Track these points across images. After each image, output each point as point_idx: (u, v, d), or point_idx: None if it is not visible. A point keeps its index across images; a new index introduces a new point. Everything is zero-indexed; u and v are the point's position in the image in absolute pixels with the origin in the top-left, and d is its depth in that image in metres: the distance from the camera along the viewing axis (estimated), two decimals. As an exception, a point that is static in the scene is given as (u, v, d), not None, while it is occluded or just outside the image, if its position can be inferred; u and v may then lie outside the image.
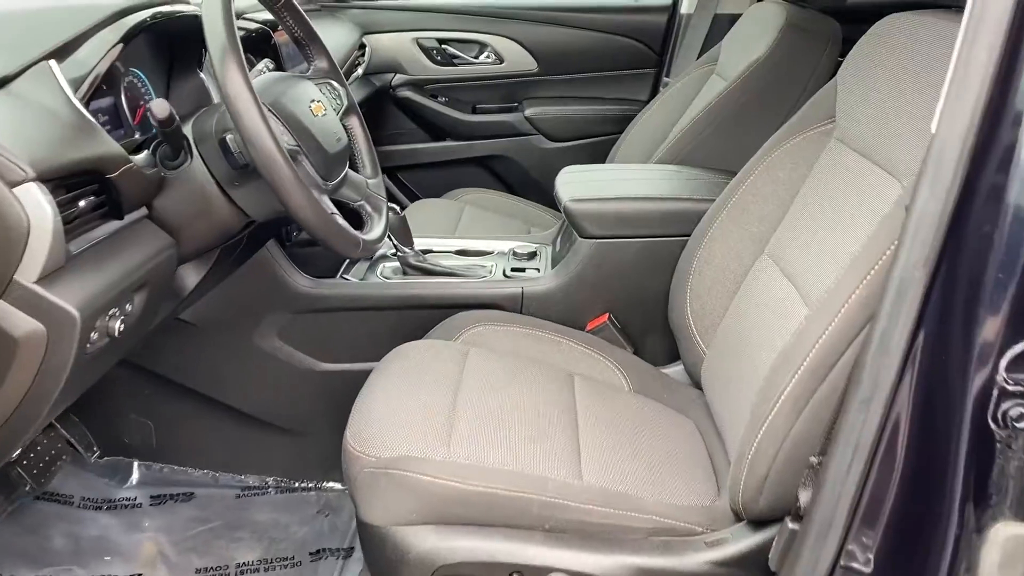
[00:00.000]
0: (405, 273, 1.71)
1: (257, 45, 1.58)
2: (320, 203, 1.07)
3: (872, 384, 0.80)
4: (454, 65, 2.61)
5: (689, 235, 1.48)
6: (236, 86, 1.00)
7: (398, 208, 1.67)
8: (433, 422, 1.16)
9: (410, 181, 2.73)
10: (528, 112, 2.60)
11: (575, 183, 1.68)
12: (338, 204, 1.22)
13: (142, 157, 1.12)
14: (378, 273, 1.70)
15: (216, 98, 1.34)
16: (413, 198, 2.70)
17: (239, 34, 1.03)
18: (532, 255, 1.78)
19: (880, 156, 1.09)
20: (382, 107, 2.61)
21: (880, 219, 1.01)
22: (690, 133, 1.87)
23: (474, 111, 2.66)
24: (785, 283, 1.19)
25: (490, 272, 1.71)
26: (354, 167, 1.41)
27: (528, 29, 2.55)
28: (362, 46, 2.49)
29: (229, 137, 1.10)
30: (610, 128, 2.57)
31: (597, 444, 1.18)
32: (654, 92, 2.57)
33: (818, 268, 1.11)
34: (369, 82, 2.53)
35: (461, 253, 1.83)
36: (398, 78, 2.60)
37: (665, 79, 2.49)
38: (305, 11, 2.27)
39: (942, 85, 0.70)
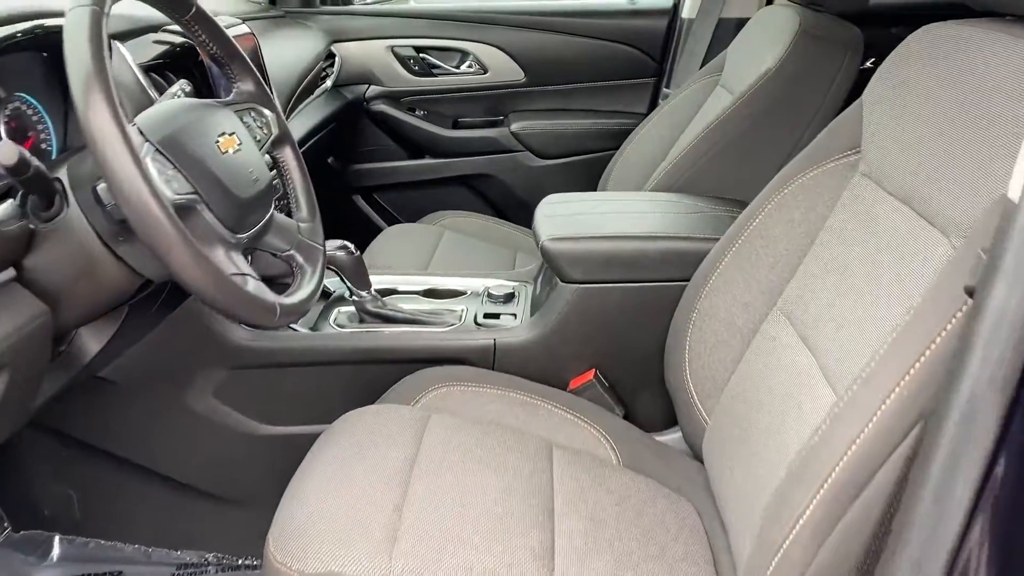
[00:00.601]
0: (362, 320, 1.49)
1: (183, 63, 1.36)
2: (215, 265, 0.85)
3: (926, 535, 0.58)
4: (433, 75, 2.38)
5: (688, 280, 1.26)
6: (100, 122, 0.78)
7: (352, 246, 1.45)
8: (374, 523, 0.95)
9: (386, 202, 2.51)
10: (514, 127, 2.37)
11: (556, 217, 1.45)
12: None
13: (4, 208, 0.90)
14: (331, 321, 1.49)
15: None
16: (390, 220, 2.49)
17: (149, 53, 0.81)
18: (509, 297, 1.56)
19: (919, 202, 0.87)
20: (354, 122, 2.39)
21: (926, 287, 0.80)
22: (691, 155, 1.64)
23: (455, 126, 2.44)
24: (804, 351, 0.98)
25: (460, 318, 1.49)
26: (288, 210, 1.19)
27: (514, 36, 2.33)
28: (330, 55, 2.28)
29: (100, 186, 0.88)
30: (605, 144, 2.34)
31: (576, 545, 0.97)
32: (653, 104, 2.35)
33: (845, 341, 0.90)
34: (339, 95, 2.31)
35: (429, 294, 1.61)
36: (372, 90, 2.38)
37: (665, 90, 2.26)
38: (267, 18, 2.07)
39: (1000, 115, 0.53)
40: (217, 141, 0.97)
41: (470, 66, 2.37)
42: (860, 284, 0.92)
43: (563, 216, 1.46)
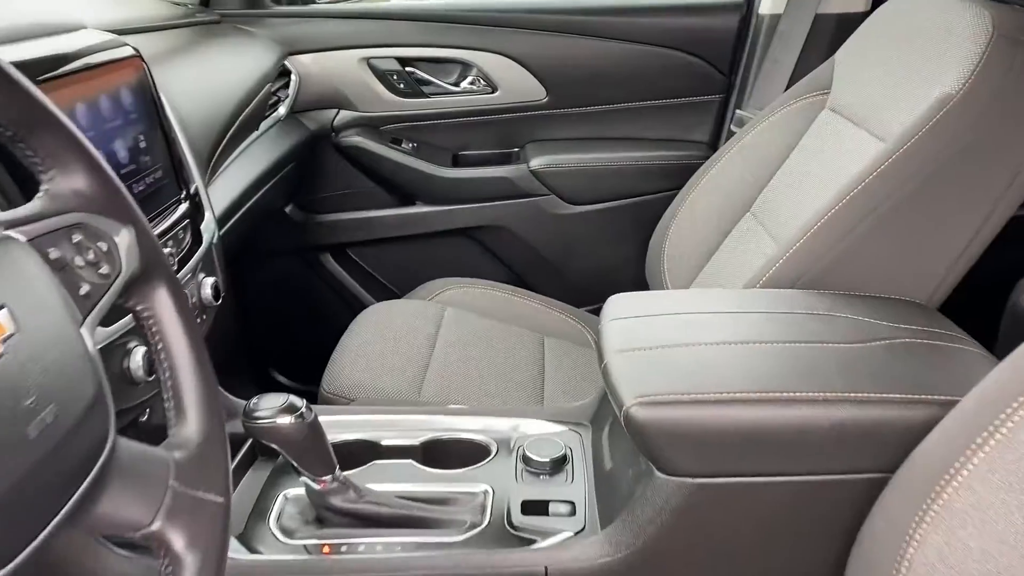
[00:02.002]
0: (322, 522, 0.92)
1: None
2: None
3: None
4: (424, 96, 1.78)
5: (880, 472, 0.70)
6: None
7: (302, 406, 0.86)
8: None
9: (365, 264, 1.91)
10: (534, 163, 1.77)
11: (640, 352, 0.87)
12: None
13: None
14: (272, 523, 0.91)
15: None
16: (372, 287, 1.89)
17: None
18: (558, 464, 0.99)
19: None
20: (319, 159, 1.79)
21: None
22: (830, 231, 1.05)
23: (456, 162, 1.83)
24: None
25: (483, 512, 0.92)
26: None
27: (532, 42, 1.73)
28: (284, 72, 1.68)
29: None
30: (656, 184, 1.76)
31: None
32: (719, 130, 1.77)
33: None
34: (298, 124, 1.72)
35: (431, 454, 1.04)
36: (341, 117, 1.78)
37: (739, 112, 1.67)
38: (193, 25, 1.48)
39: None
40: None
41: (473, 83, 1.77)
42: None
43: (650, 348, 0.87)
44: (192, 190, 1.03)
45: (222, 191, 1.29)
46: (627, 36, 1.72)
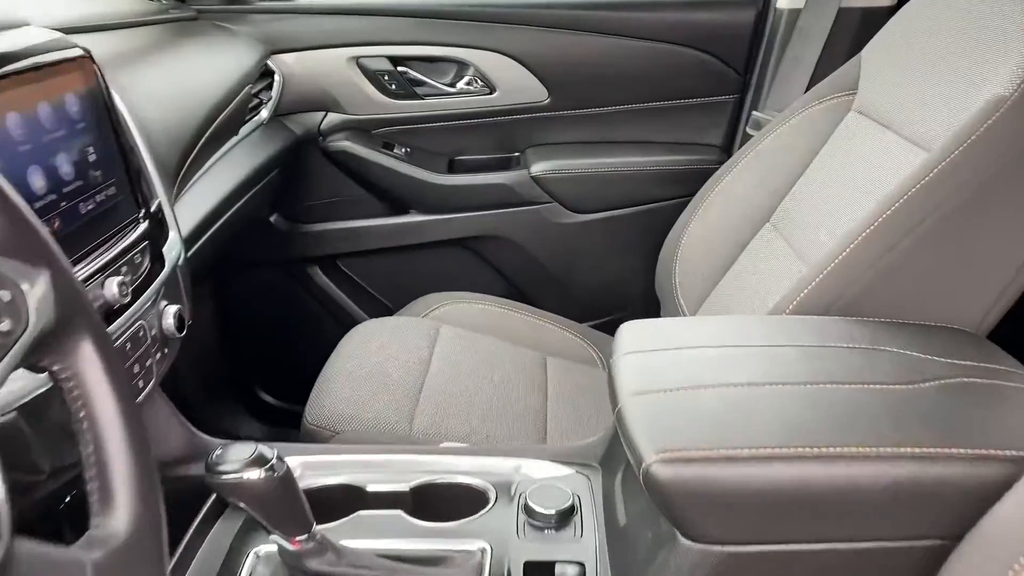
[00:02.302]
0: (297, 588, 0.80)
1: None
2: None
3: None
4: (417, 97, 1.67)
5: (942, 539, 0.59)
6: None
7: (273, 458, 0.75)
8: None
9: (356, 276, 1.80)
10: (535, 168, 1.66)
11: (658, 393, 0.76)
12: None
13: None
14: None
15: None
16: (363, 300, 1.78)
17: None
18: (565, 517, 0.88)
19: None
20: (306, 165, 1.68)
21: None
22: (866, 251, 0.94)
23: (451, 168, 1.72)
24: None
25: (482, 574, 0.81)
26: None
27: (532, 39, 1.62)
28: (267, 72, 1.57)
29: None
30: (665, 191, 1.65)
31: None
32: (733, 133, 1.65)
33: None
34: (282, 128, 1.60)
35: (421, 499, 0.93)
36: (330, 119, 1.67)
37: (755, 114, 1.56)
38: (169, 21, 1.37)
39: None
40: None
41: (470, 83, 1.66)
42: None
43: (672, 390, 0.76)
44: (154, 207, 0.92)
45: (195, 202, 1.18)
46: (635, 32, 1.61)
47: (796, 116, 1.30)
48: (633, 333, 0.88)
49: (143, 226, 0.87)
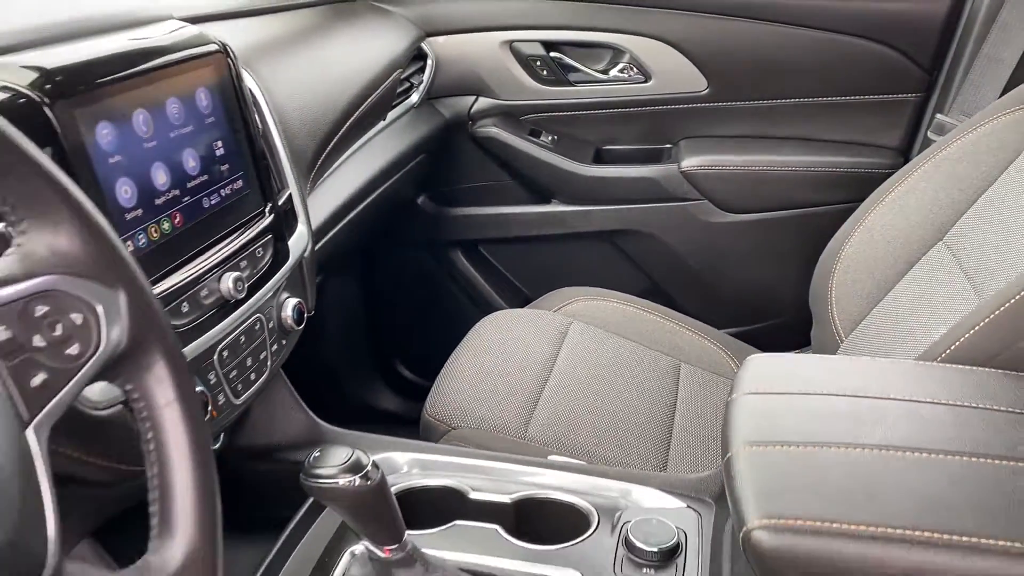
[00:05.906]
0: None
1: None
2: None
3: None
4: (569, 84, 1.62)
5: None
6: None
7: (369, 464, 0.74)
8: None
9: (496, 262, 1.78)
10: (687, 163, 1.57)
11: (776, 448, 0.68)
12: None
13: None
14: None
15: None
16: (501, 286, 1.77)
17: None
18: (668, 556, 0.82)
19: None
20: (453, 150, 1.67)
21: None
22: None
23: (598, 158, 1.66)
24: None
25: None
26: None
27: (692, 25, 1.52)
28: (420, 55, 1.57)
29: None
30: (829, 196, 1.52)
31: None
32: (912, 137, 1.49)
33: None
34: (433, 111, 1.60)
35: (523, 515, 0.90)
36: (479, 104, 1.65)
37: (939, 117, 1.39)
38: (325, 3, 1.39)
39: None
40: None
41: (625, 70, 1.59)
42: None
43: (791, 445, 0.68)
44: (282, 200, 0.93)
45: (333, 190, 1.20)
46: (806, 21, 1.48)
47: (987, 123, 1.15)
48: (759, 369, 0.80)
49: (268, 220, 0.88)
